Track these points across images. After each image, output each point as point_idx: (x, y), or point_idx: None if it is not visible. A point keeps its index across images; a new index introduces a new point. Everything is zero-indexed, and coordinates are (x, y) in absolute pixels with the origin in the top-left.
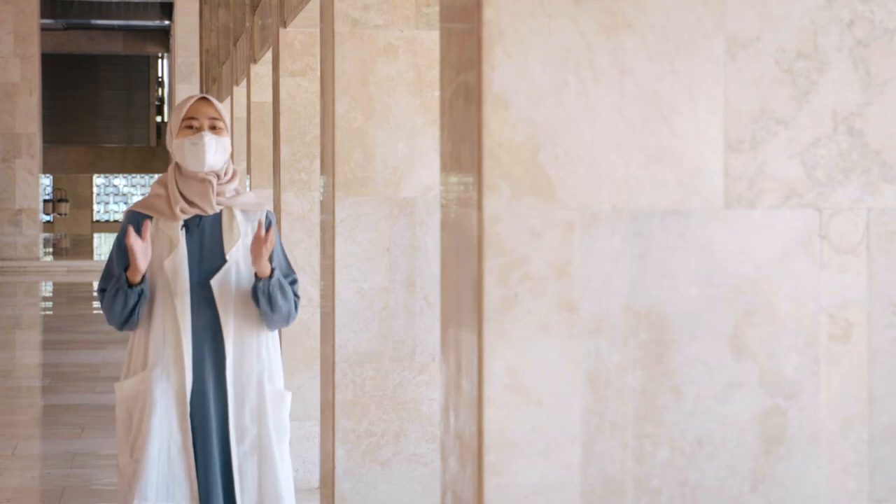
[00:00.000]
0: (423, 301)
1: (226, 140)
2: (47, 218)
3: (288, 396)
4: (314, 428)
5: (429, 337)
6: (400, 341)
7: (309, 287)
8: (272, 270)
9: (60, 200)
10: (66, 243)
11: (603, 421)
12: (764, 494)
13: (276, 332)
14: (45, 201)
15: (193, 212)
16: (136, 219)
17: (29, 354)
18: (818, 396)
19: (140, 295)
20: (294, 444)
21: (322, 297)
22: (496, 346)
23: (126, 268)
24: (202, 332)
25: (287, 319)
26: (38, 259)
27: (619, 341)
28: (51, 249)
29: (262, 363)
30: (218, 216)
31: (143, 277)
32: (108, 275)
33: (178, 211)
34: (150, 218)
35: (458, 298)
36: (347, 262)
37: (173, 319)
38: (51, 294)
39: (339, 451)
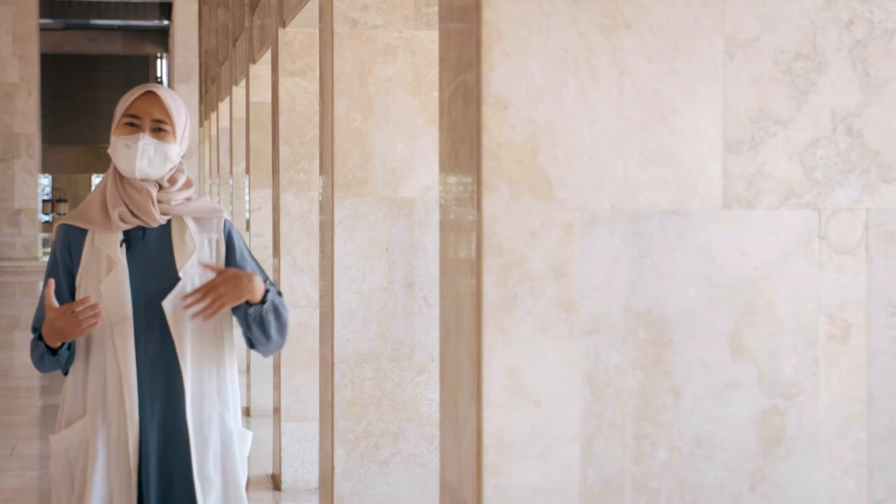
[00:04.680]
0: (422, 301)
1: (169, 147)
2: (46, 218)
3: (249, 436)
4: (313, 428)
5: (428, 337)
6: (399, 342)
7: (308, 287)
8: (266, 291)
9: (59, 200)
10: None
11: (602, 421)
12: (763, 495)
13: (234, 361)
14: (43, 201)
15: (135, 222)
16: (68, 234)
17: (28, 354)
18: (817, 397)
19: (70, 348)
20: (294, 445)
21: (321, 297)
22: (495, 347)
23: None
24: (151, 366)
25: (281, 345)
26: (36, 259)
27: (618, 341)
28: (49, 249)
29: (223, 400)
30: (166, 227)
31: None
32: (40, 314)
33: (115, 218)
34: (85, 231)
35: (456, 299)
36: (346, 262)
37: (113, 353)
38: None
39: (338, 452)
